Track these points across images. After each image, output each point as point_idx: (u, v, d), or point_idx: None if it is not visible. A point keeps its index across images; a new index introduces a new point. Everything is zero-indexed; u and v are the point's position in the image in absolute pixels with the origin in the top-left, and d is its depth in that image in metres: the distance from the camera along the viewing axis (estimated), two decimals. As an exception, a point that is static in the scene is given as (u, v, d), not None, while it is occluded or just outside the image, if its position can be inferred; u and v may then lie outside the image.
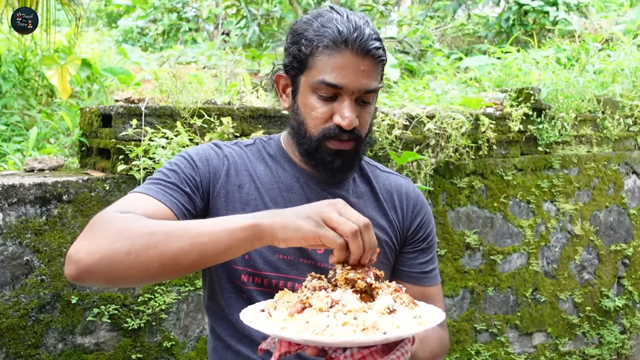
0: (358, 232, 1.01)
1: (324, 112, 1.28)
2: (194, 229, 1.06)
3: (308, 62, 1.28)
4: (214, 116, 2.50)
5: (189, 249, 1.04)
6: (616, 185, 4.10)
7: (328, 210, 1.02)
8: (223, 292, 1.37)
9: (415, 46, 6.16)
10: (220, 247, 1.05)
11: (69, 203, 2.23)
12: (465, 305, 3.36)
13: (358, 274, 1.05)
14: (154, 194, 1.24)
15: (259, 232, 1.04)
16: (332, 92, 1.26)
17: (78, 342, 2.25)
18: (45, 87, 4.76)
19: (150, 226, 1.08)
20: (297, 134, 1.34)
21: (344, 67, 1.24)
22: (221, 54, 6.69)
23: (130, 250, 1.05)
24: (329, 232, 1.01)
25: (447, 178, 3.28)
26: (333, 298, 1.01)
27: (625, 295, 4.13)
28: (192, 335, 2.47)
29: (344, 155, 1.31)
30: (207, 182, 1.33)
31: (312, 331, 0.95)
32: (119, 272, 1.06)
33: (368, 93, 1.28)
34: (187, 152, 1.37)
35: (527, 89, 3.62)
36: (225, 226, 1.05)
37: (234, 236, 1.04)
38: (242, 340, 1.35)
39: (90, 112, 2.63)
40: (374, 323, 0.96)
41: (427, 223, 1.47)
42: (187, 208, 1.27)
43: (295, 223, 1.02)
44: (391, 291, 1.06)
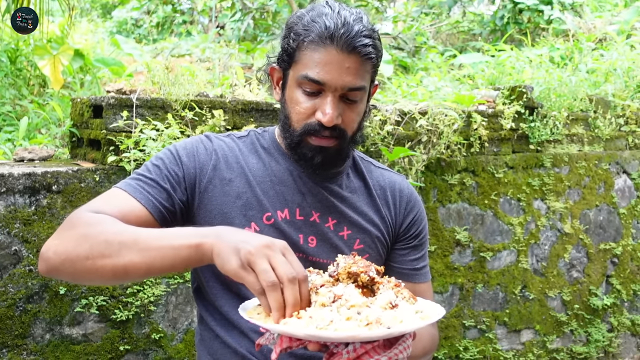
0: (277, 285, 0.98)
1: (307, 107, 1.28)
2: (144, 243, 1.09)
3: (295, 56, 1.28)
4: (205, 109, 2.50)
5: (137, 262, 1.08)
6: (606, 185, 4.12)
7: (257, 253, 1.00)
8: (210, 284, 1.37)
9: (409, 42, 6.16)
10: (165, 264, 1.08)
11: (58, 193, 2.23)
12: (454, 301, 3.38)
13: (361, 268, 1.05)
14: (132, 191, 1.26)
15: (201, 253, 1.06)
16: (315, 87, 1.26)
17: (66, 333, 2.24)
18: (37, 77, 4.72)
19: (109, 234, 1.12)
20: (284, 127, 1.34)
21: (327, 63, 1.24)
22: (215, 47, 6.66)
23: (88, 256, 1.10)
24: (250, 277, 0.99)
25: (438, 174, 3.28)
26: (336, 293, 1.01)
27: (614, 294, 4.16)
28: (180, 327, 2.47)
29: (325, 152, 1.31)
30: (192, 177, 1.33)
31: (316, 326, 0.95)
32: (80, 274, 1.13)
33: (353, 91, 1.27)
34: (174, 146, 1.37)
35: (520, 87, 3.63)
36: (173, 242, 1.07)
37: (179, 254, 1.07)
38: (231, 331, 1.35)
39: (81, 103, 2.62)
40: (377, 318, 0.96)
41: (419, 220, 1.47)
42: (165, 205, 1.28)
43: (226, 256, 1.02)
44: (392, 286, 1.07)
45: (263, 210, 1.33)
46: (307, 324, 0.95)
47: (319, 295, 1.01)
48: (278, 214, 1.34)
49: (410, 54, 6.03)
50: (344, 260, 1.08)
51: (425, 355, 1.40)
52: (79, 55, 4.45)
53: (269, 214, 1.33)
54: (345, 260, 1.08)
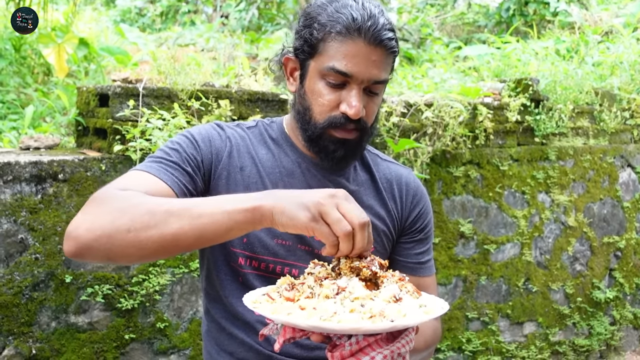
0: (351, 234, 0.99)
1: (331, 99, 1.26)
2: (195, 209, 1.05)
3: (319, 47, 1.27)
4: (211, 98, 2.49)
5: (188, 230, 1.04)
6: (611, 178, 4.11)
7: (327, 204, 1.00)
8: (219, 273, 1.37)
9: (414, 34, 6.13)
10: (220, 229, 1.04)
11: (64, 182, 2.23)
12: (457, 293, 3.38)
13: (363, 262, 1.05)
14: (156, 172, 1.23)
15: (259, 215, 1.03)
16: (341, 79, 1.25)
17: (71, 321, 2.25)
18: (42, 65, 4.72)
19: (151, 204, 1.07)
20: (302, 119, 1.33)
21: (355, 55, 1.23)
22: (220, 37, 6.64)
23: (130, 228, 1.04)
24: (323, 228, 0.99)
25: (443, 167, 3.28)
26: (339, 285, 1.01)
27: (616, 287, 4.16)
28: (185, 317, 2.48)
29: (348, 145, 1.30)
30: (208, 163, 1.32)
31: (320, 317, 0.95)
32: (117, 249, 1.06)
33: (377, 84, 1.27)
34: (189, 132, 1.36)
35: (526, 80, 3.62)
36: (227, 207, 1.04)
37: (235, 218, 1.03)
38: (236, 322, 1.36)
39: (87, 92, 2.61)
40: (381, 311, 0.96)
41: (425, 214, 1.47)
42: (188, 188, 1.26)
43: (293, 211, 1.00)
44: (396, 280, 1.06)
45: None
46: (311, 315, 0.95)
47: (323, 287, 1.01)
48: None
49: (415, 46, 6.00)
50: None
51: (428, 349, 1.40)
52: (83, 44, 4.44)
53: None
54: None
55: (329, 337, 1.01)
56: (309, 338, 1.02)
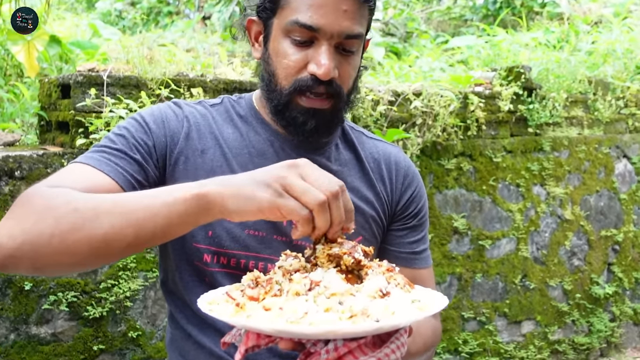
0: (326, 203, 0.83)
1: (298, 59, 1.09)
2: (128, 203, 0.88)
3: (281, 0, 1.09)
4: (183, 87, 2.31)
5: (120, 228, 0.86)
6: (607, 169, 3.97)
7: (290, 175, 0.84)
8: (181, 274, 1.18)
9: (400, 28, 5.99)
10: (159, 224, 0.86)
11: (21, 180, 2.03)
12: (452, 292, 3.22)
13: (344, 248, 0.86)
14: (96, 164, 1.05)
15: (205, 203, 0.86)
16: (307, 35, 1.07)
17: (33, 333, 2.05)
18: (15, 66, 4.52)
19: (77, 202, 0.89)
20: (268, 88, 1.15)
21: (322, 5, 1.05)
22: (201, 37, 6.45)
23: (54, 232, 0.87)
24: (290, 202, 0.83)
25: (434, 159, 3.11)
26: (312, 279, 0.82)
27: (615, 282, 4.01)
28: (160, 324, 2.29)
29: (319, 115, 1.12)
30: (162, 147, 1.14)
31: (287, 319, 0.76)
32: (45, 258, 0.88)
33: (350, 39, 1.09)
34: (139, 114, 1.18)
35: (518, 68, 3.47)
36: (165, 198, 0.86)
37: (175, 210, 0.85)
38: (204, 330, 1.17)
39: (49, 83, 2.42)
40: (363, 309, 0.77)
41: (418, 197, 1.29)
42: (137, 178, 1.08)
43: (249, 192, 0.84)
44: (383, 271, 0.87)
45: None
46: (276, 317, 0.77)
47: (293, 282, 0.82)
48: None
49: (401, 40, 5.86)
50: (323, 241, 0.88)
51: (427, 351, 1.22)
52: (55, 41, 4.24)
53: None
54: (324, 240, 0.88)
55: (302, 344, 0.82)
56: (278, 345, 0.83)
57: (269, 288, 0.83)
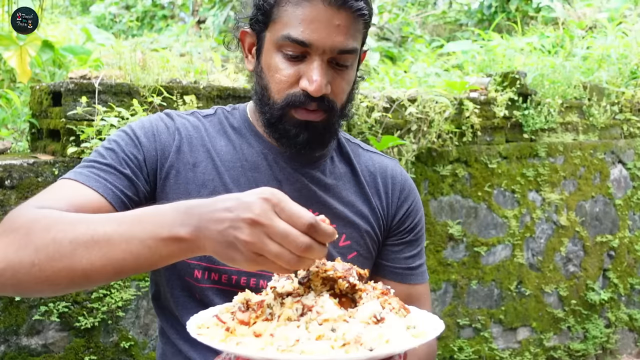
0: (300, 260, 0.77)
1: (290, 74, 1.07)
2: (105, 240, 0.84)
3: (272, 13, 1.08)
4: (176, 94, 2.29)
5: (101, 265, 0.84)
6: (602, 175, 3.97)
7: (257, 240, 0.77)
8: (172, 289, 1.16)
9: (396, 33, 5.98)
10: (142, 263, 0.84)
11: (12, 189, 2.01)
12: (447, 299, 3.20)
13: (338, 272, 0.84)
14: (85, 180, 1.04)
15: (187, 247, 0.82)
16: (299, 50, 1.05)
17: (23, 344, 2.02)
18: (7, 72, 4.49)
19: (56, 231, 0.87)
20: (261, 101, 1.13)
21: (314, 20, 1.03)
22: (196, 41, 6.43)
23: (34, 261, 0.85)
24: (269, 265, 0.78)
25: (429, 165, 3.10)
26: (305, 303, 0.81)
27: (611, 288, 4.01)
28: (153, 334, 2.26)
29: (312, 128, 1.10)
30: (152, 161, 1.12)
31: (278, 347, 0.75)
32: (25, 284, 0.87)
33: (344, 54, 1.07)
34: (130, 126, 1.16)
35: (513, 73, 3.46)
36: (144, 238, 0.82)
37: (157, 252, 0.82)
38: (196, 346, 1.15)
39: (40, 90, 2.40)
40: (357, 336, 0.75)
41: (415, 211, 1.27)
42: (127, 194, 1.06)
43: (225, 253, 0.79)
44: (377, 294, 0.86)
45: None
46: (267, 344, 0.75)
47: (284, 307, 0.80)
48: None
49: (396, 44, 5.85)
50: (317, 262, 0.85)
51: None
52: (48, 47, 4.21)
53: None
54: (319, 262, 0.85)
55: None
56: None
57: (260, 312, 0.81)
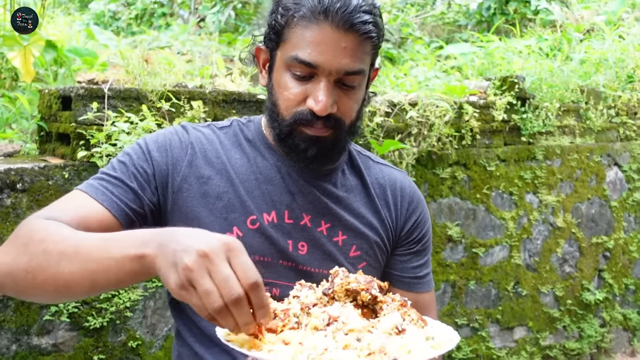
0: (223, 310, 0.80)
1: (297, 93, 1.12)
2: (87, 253, 0.91)
3: (283, 34, 1.12)
4: (183, 100, 2.34)
5: (79, 277, 0.91)
6: (598, 177, 4.03)
7: (197, 269, 0.80)
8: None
9: (395, 34, 6.03)
10: (111, 278, 0.90)
11: (23, 192, 2.05)
12: (446, 299, 3.26)
13: (361, 284, 0.89)
14: (92, 192, 1.11)
15: (147, 267, 0.87)
16: (306, 71, 1.10)
17: (34, 343, 2.08)
18: (9, 70, 4.52)
19: (48, 243, 0.95)
20: (271, 116, 1.18)
21: (321, 42, 1.07)
22: (196, 40, 6.46)
23: (28, 268, 0.94)
24: (193, 299, 0.81)
25: (429, 168, 3.15)
26: (331, 314, 0.86)
27: (606, 289, 4.07)
28: (159, 334, 2.32)
29: (320, 143, 1.14)
30: (163, 175, 1.17)
31: (308, 355, 0.79)
32: (22, 289, 0.97)
33: (350, 75, 1.11)
34: (144, 139, 1.21)
35: (511, 77, 3.51)
36: (114, 253, 0.89)
37: (123, 267, 0.88)
38: (211, 348, 1.20)
39: (49, 94, 2.44)
40: (381, 347, 0.80)
41: (422, 223, 1.32)
42: (131, 207, 1.12)
43: (165, 271, 0.83)
44: (397, 306, 0.91)
45: (247, 213, 1.18)
46: (297, 352, 0.80)
47: (311, 317, 0.86)
48: (264, 217, 1.18)
49: (395, 45, 5.90)
50: (341, 275, 0.91)
51: None
52: (51, 47, 4.24)
53: (254, 217, 1.18)
54: (342, 274, 0.91)
55: None
56: None
57: (287, 321, 0.86)
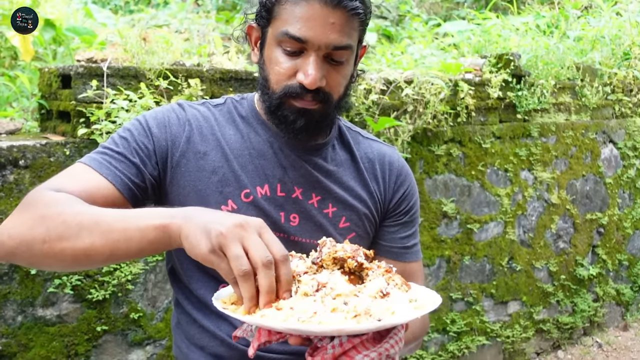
0: (249, 274, 0.87)
1: (288, 67, 1.16)
2: (107, 224, 0.97)
3: (274, 10, 1.17)
4: (181, 78, 2.37)
5: (99, 246, 0.97)
6: (593, 154, 4.07)
7: (230, 236, 0.88)
8: (183, 266, 1.27)
9: (393, 11, 6.02)
10: (132, 247, 0.96)
11: (26, 168, 2.10)
12: (441, 274, 3.33)
13: (347, 252, 0.95)
14: (97, 167, 1.15)
15: (168, 235, 0.94)
16: (296, 46, 1.14)
17: (39, 315, 2.14)
18: (8, 49, 4.53)
19: (67, 214, 1.00)
20: (262, 91, 1.23)
21: (310, 18, 1.12)
22: (194, 18, 6.45)
23: (45, 239, 0.99)
24: (222, 264, 0.88)
25: (424, 145, 3.20)
26: (319, 280, 0.91)
27: (599, 264, 4.14)
28: (160, 306, 2.38)
29: (309, 115, 1.19)
30: (163, 151, 1.22)
31: (298, 318, 0.85)
32: (37, 259, 1.02)
33: (338, 50, 1.15)
34: (143, 116, 1.25)
35: (507, 55, 3.54)
36: (139, 223, 0.96)
37: (146, 237, 0.95)
38: (208, 315, 1.26)
39: (49, 73, 2.47)
40: (366, 309, 0.86)
41: (410, 195, 1.37)
42: (134, 181, 1.17)
43: (196, 238, 0.90)
44: (382, 272, 0.97)
45: (241, 187, 1.23)
46: (288, 316, 0.85)
47: (301, 284, 0.91)
48: (257, 190, 1.24)
49: (393, 23, 5.90)
50: (329, 244, 0.97)
51: (416, 340, 1.32)
52: (49, 25, 4.26)
53: (248, 191, 1.23)
54: (330, 244, 0.97)
55: (309, 339, 0.91)
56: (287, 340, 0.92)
57: None
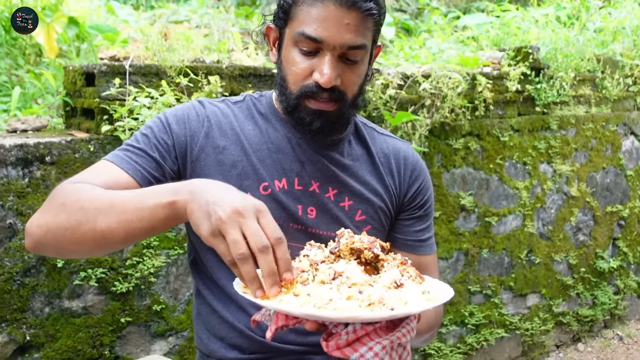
0: (247, 257, 0.91)
1: (304, 67, 1.20)
2: (120, 206, 1.03)
3: (291, 12, 1.21)
4: (201, 75, 2.42)
5: (115, 227, 1.02)
6: (614, 147, 4.04)
7: (229, 221, 0.91)
8: (205, 256, 1.32)
9: (412, 4, 6.01)
10: (145, 226, 1.02)
11: (52, 165, 2.17)
12: (459, 267, 3.34)
13: (365, 244, 0.99)
14: (118, 162, 1.21)
15: (176, 212, 0.99)
16: (312, 46, 1.18)
17: (65, 306, 2.21)
18: (33, 46, 4.63)
19: (85, 201, 1.06)
20: (281, 91, 1.27)
21: (325, 19, 1.16)
22: (214, 13, 6.51)
23: (67, 225, 1.05)
24: (221, 246, 0.93)
25: (442, 139, 3.21)
26: (336, 269, 0.95)
27: (620, 257, 4.12)
28: (182, 298, 2.44)
29: (325, 117, 1.23)
30: (182, 146, 1.27)
31: (314, 305, 0.89)
32: (63, 246, 1.07)
33: (353, 50, 1.19)
34: (164, 114, 1.31)
35: (526, 48, 3.53)
36: (148, 202, 1.01)
37: (156, 214, 1.00)
38: (228, 305, 1.31)
39: (73, 71, 2.54)
40: (380, 298, 0.90)
41: (424, 189, 1.41)
42: (154, 175, 1.22)
43: (199, 218, 0.94)
44: (397, 264, 1.00)
45: (259, 180, 1.27)
46: (305, 302, 0.89)
47: (319, 272, 0.95)
48: (275, 184, 1.28)
49: (412, 16, 5.89)
50: (347, 235, 1.01)
51: (430, 331, 1.35)
52: (73, 23, 4.35)
53: (266, 184, 1.28)
54: (348, 235, 1.01)
55: (325, 325, 0.96)
56: (304, 326, 0.96)
57: (298, 277, 0.96)
